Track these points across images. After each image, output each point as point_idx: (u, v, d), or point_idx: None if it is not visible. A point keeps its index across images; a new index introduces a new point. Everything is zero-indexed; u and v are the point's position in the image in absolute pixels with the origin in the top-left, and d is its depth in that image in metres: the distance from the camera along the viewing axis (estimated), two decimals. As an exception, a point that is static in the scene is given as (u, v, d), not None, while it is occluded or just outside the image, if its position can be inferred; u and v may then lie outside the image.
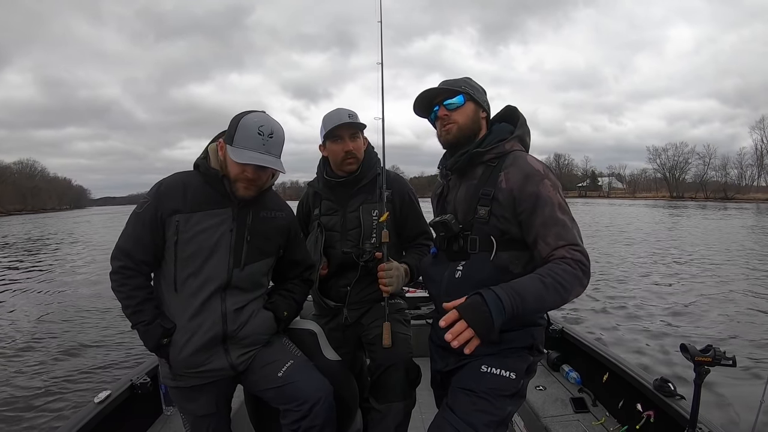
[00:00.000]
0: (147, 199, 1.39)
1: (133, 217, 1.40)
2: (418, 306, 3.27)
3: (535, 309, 1.04)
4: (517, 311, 1.00)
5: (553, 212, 1.15)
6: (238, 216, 1.41)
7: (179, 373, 1.41)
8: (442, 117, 1.33)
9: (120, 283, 1.37)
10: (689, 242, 14.34)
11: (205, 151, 1.45)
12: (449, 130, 1.32)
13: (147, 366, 2.19)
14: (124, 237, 1.39)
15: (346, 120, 1.66)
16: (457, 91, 1.31)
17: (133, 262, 1.37)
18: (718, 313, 6.19)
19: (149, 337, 1.34)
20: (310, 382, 1.45)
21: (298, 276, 1.64)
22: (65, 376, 4.36)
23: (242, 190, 1.38)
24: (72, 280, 9.62)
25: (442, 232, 1.30)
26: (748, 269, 9.45)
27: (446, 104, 1.31)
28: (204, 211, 1.38)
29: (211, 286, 1.37)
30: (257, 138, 1.32)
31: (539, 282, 1.04)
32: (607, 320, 5.92)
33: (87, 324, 6.15)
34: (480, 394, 1.20)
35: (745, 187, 64.49)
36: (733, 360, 1.49)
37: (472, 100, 1.32)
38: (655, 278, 8.60)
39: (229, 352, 1.41)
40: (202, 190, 1.40)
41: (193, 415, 1.48)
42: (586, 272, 1.10)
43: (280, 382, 1.43)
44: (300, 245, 1.63)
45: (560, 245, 1.11)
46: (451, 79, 1.36)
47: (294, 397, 1.41)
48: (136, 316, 1.35)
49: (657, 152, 73.91)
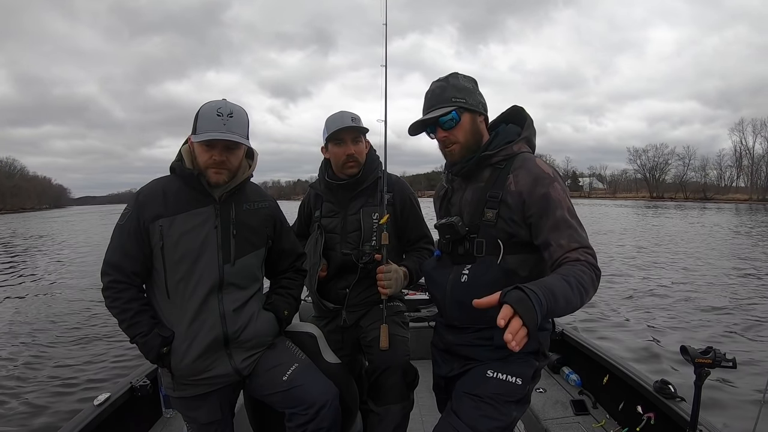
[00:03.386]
0: (128, 210, 1.38)
1: (117, 230, 1.38)
2: (417, 308, 3.27)
3: (562, 309, 0.98)
4: (550, 309, 0.94)
5: (564, 215, 1.14)
6: (220, 212, 1.40)
7: (183, 382, 1.38)
8: (441, 140, 1.29)
9: (113, 298, 1.35)
10: (685, 242, 14.35)
11: (179, 153, 1.43)
12: (453, 152, 1.28)
13: (147, 368, 2.19)
14: (111, 251, 1.37)
15: (349, 123, 1.67)
16: (448, 107, 1.24)
17: (123, 275, 1.35)
18: (718, 314, 6.18)
19: (148, 348, 1.32)
20: (316, 385, 1.43)
21: (290, 267, 1.63)
22: (64, 377, 4.35)
23: (213, 176, 1.35)
24: (72, 280, 9.62)
25: (448, 234, 1.28)
26: (747, 269, 9.45)
27: (442, 122, 1.26)
28: (186, 212, 1.36)
29: (204, 287, 1.35)
30: (216, 119, 1.31)
31: (564, 282, 1.01)
32: (607, 321, 5.91)
33: (86, 325, 6.14)
34: (486, 400, 1.19)
35: (724, 187, 65.77)
36: (734, 362, 1.49)
37: (467, 110, 1.27)
38: (654, 279, 8.60)
39: (232, 356, 1.40)
40: (181, 192, 1.38)
41: (197, 423, 1.46)
42: (598, 276, 1.09)
43: (286, 385, 1.41)
44: (288, 234, 1.62)
45: (574, 247, 1.10)
46: (438, 86, 1.29)
47: (301, 401, 1.39)
48: (133, 329, 1.33)
49: (637, 153, 75.32)
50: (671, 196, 66.80)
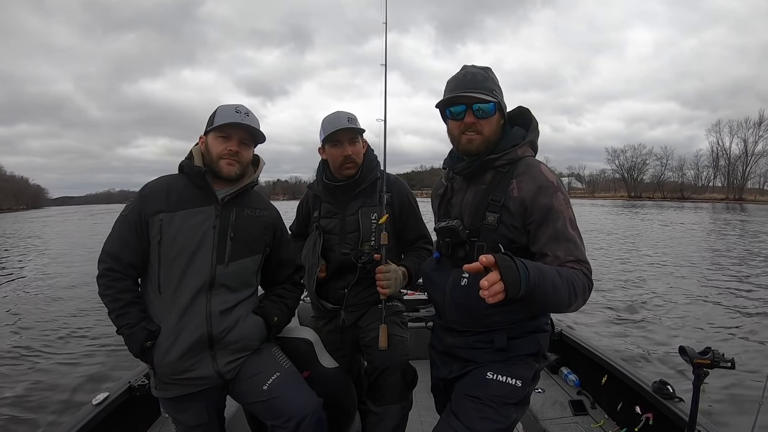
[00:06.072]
0: (132, 202, 1.42)
1: (119, 220, 1.41)
2: (417, 308, 3.27)
3: (548, 293, 0.99)
4: (537, 286, 0.95)
5: (564, 227, 1.13)
6: (221, 213, 1.42)
7: (165, 380, 1.38)
8: (469, 123, 1.22)
9: (106, 286, 1.36)
10: (681, 243, 14.37)
11: (190, 152, 1.49)
12: (473, 141, 1.23)
13: (146, 368, 2.18)
14: (111, 240, 1.40)
15: (345, 124, 1.66)
16: (491, 98, 1.20)
17: (119, 265, 1.37)
18: (717, 314, 6.19)
19: (133, 340, 1.32)
20: (296, 397, 1.41)
21: (288, 279, 1.63)
22: (63, 377, 4.34)
23: (225, 167, 1.41)
24: (71, 279, 9.61)
25: (448, 237, 1.26)
26: (746, 270, 9.46)
27: (476, 109, 1.20)
28: (187, 209, 1.39)
29: (195, 285, 1.36)
30: (235, 114, 1.41)
31: (555, 272, 1.02)
32: (605, 322, 5.92)
33: (86, 323, 6.13)
34: (486, 402, 1.19)
35: (701, 187, 66.51)
36: (732, 362, 1.49)
37: (500, 109, 1.24)
38: (653, 279, 8.60)
39: (216, 358, 1.38)
40: (185, 189, 1.42)
41: (184, 425, 1.46)
42: (590, 287, 1.10)
43: (266, 395, 1.40)
44: (287, 245, 1.63)
45: (570, 260, 1.11)
46: (480, 73, 1.23)
47: (280, 413, 1.38)
48: (121, 319, 1.33)
49: (616, 153, 75.44)
50: (649, 196, 67.36)
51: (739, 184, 59.99)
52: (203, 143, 1.46)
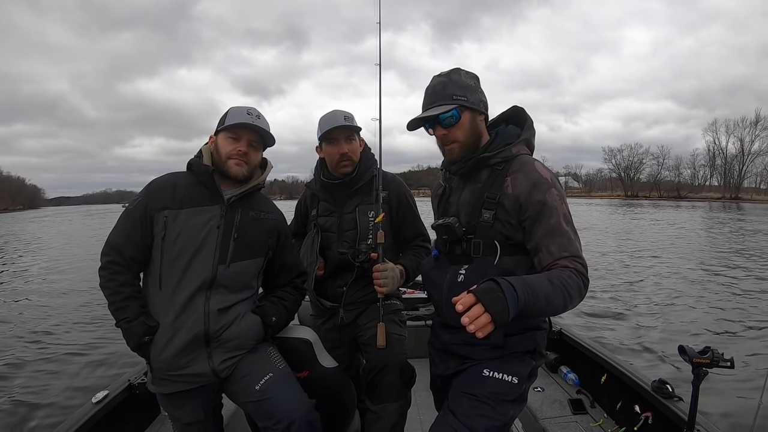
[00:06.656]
0: (138, 197, 1.43)
1: (123, 215, 1.43)
2: (416, 307, 3.27)
3: (542, 307, 1.00)
4: (528, 305, 0.95)
5: (558, 222, 1.14)
6: (226, 214, 1.42)
7: (161, 376, 1.39)
8: (440, 137, 1.26)
9: (108, 279, 1.37)
10: (679, 242, 14.36)
11: (199, 151, 1.50)
12: (452, 150, 1.26)
13: (145, 366, 2.18)
14: (115, 233, 1.41)
15: (342, 122, 1.66)
16: (450, 105, 1.22)
17: (122, 258, 1.37)
18: (716, 314, 6.18)
19: (131, 334, 1.33)
20: (287, 399, 1.39)
21: (290, 283, 1.63)
22: (62, 375, 4.35)
23: (234, 167, 1.42)
24: (70, 278, 9.61)
25: (445, 235, 1.27)
26: (746, 269, 9.45)
27: (442, 120, 1.23)
28: (193, 207, 1.40)
29: (195, 283, 1.36)
30: (246, 116, 1.44)
31: (547, 281, 1.02)
32: (605, 322, 5.91)
33: (86, 321, 6.14)
34: (482, 399, 1.19)
35: (697, 186, 66.68)
36: (732, 362, 1.49)
37: (467, 109, 1.24)
38: (652, 280, 8.60)
39: (212, 356, 1.38)
40: (192, 188, 1.43)
41: (180, 422, 1.47)
42: (586, 284, 1.09)
43: (258, 396, 1.39)
44: (290, 249, 1.63)
45: (564, 256, 1.10)
46: (440, 82, 1.25)
47: (270, 414, 1.36)
48: (120, 312, 1.34)
49: (612, 152, 75.83)
50: (645, 195, 67.57)
51: (736, 183, 60.19)
52: (213, 143, 1.47)
